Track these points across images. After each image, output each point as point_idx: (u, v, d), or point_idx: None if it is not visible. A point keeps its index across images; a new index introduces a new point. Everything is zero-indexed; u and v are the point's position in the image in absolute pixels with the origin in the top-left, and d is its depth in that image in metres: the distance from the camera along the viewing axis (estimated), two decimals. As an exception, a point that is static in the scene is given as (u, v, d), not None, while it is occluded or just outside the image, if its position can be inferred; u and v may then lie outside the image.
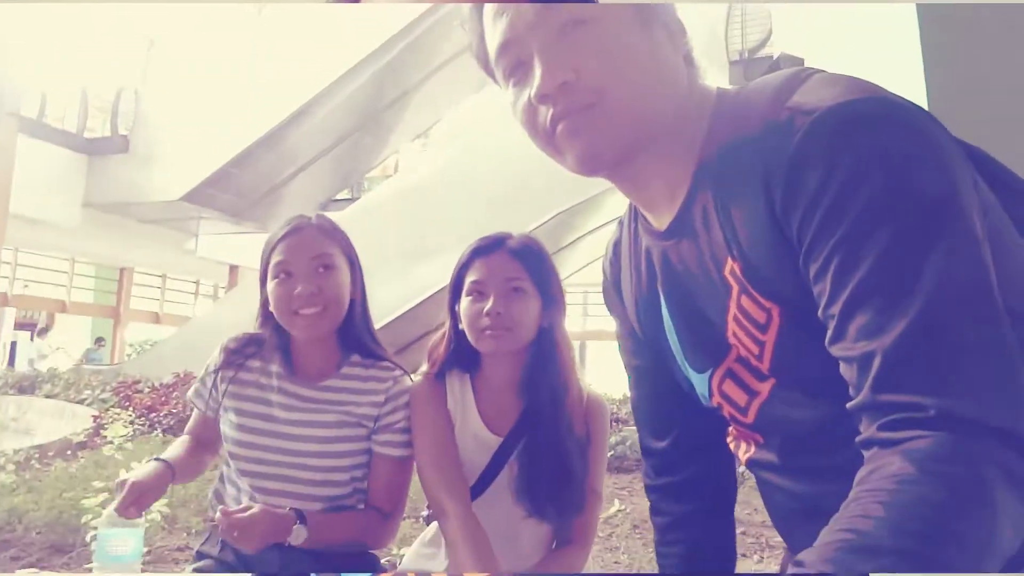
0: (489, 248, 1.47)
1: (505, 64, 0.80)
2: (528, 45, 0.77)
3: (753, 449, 0.88)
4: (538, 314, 1.45)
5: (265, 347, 1.54)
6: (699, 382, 0.90)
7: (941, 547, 0.52)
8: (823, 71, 0.75)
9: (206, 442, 1.59)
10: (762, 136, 0.71)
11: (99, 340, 15.33)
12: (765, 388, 0.80)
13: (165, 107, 11.06)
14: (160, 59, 14.46)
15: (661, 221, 0.85)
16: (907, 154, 0.64)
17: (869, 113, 0.66)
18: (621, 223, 0.99)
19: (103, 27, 14.14)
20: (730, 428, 0.93)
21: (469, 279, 1.45)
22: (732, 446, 0.94)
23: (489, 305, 1.41)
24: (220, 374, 1.54)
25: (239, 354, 1.55)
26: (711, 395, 0.88)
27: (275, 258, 1.46)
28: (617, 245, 1.01)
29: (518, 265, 1.44)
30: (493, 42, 0.81)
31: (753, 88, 0.78)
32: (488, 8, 0.82)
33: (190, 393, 1.61)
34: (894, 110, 0.67)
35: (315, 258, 1.46)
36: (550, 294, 1.47)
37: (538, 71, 0.76)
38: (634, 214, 0.94)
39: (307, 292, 1.42)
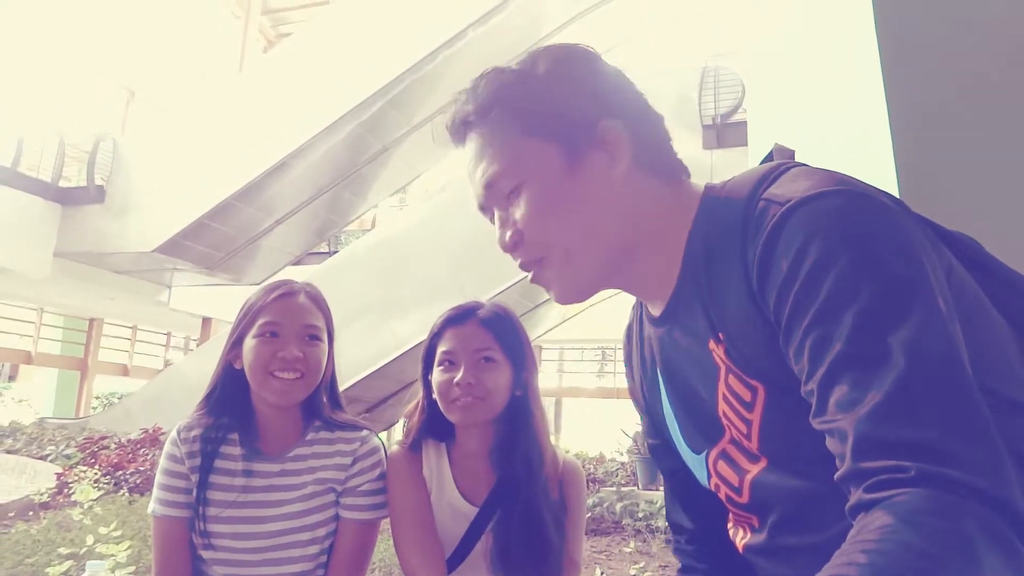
0: (460, 318, 1.49)
1: (485, 213, 0.91)
2: (491, 209, 0.89)
3: (749, 535, 0.89)
4: (509, 382, 1.47)
5: (225, 429, 1.48)
6: (697, 464, 0.92)
7: None
8: (803, 165, 0.81)
9: None
10: (741, 225, 0.76)
11: None
12: (757, 468, 0.82)
13: (143, 158, 11.02)
14: (140, 110, 14.55)
15: (656, 308, 0.89)
16: (873, 240, 0.68)
17: (838, 203, 0.70)
18: (634, 307, 1.03)
19: (84, 76, 14.24)
20: (729, 515, 0.94)
21: (441, 349, 1.48)
22: (731, 533, 0.95)
23: (459, 375, 1.43)
24: (200, 473, 1.43)
25: (211, 442, 1.46)
26: (709, 477, 0.90)
27: (263, 318, 1.45)
28: (630, 328, 1.05)
29: (488, 335, 1.46)
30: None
31: (735, 182, 0.83)
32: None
33: (159, 508, 1.44)
34: (862, 200, 0.71)
35: (305, 327, 1.46)
36: (521, 362, 1.49)
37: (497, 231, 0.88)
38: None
39: (291, 357, 1.42)
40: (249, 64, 13.90)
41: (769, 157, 0.92)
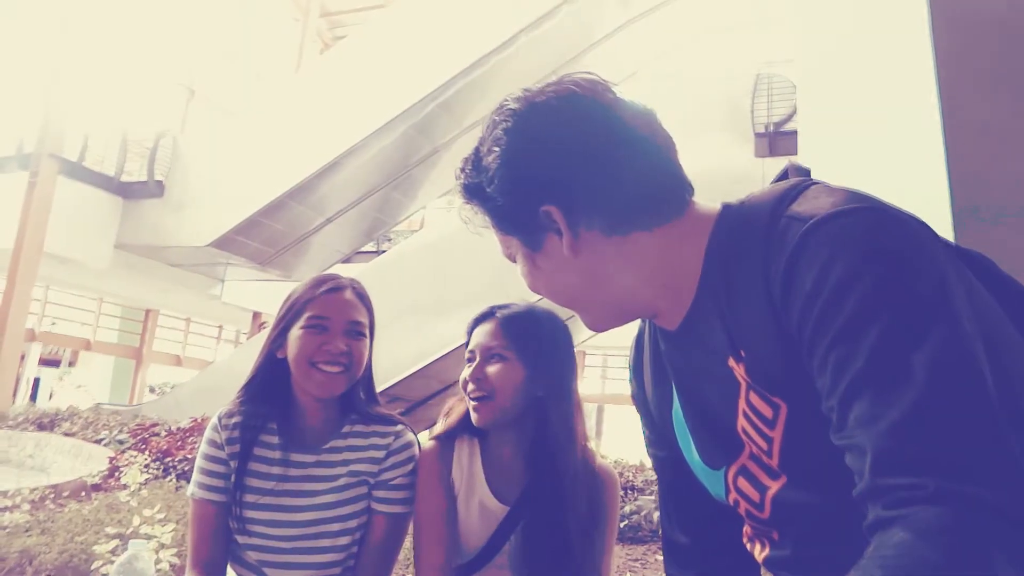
0: (484, 317, 1.52)
1: None
2: None
3: (768, 548, 0.89)
4: (519, 382, 1.44)
5: (265, 418, 1.51)
6: (714, 480, 0.91)
7: None
8: (822, 182, 0.80)
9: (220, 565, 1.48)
10: (762, 242, 0.76)
11: None
12: (777, 484, 0.82)
13: (201, 155, 11.36)
14: (199, 109, 14.96)
15: (671, 323, 0.88)
16: (898, 257, 0.68)
17: (862, 220, 0.70)
18: (644, 318, 1.02)
19: (147, 74, 14.72)
20: (745, 528, 0.93)
21: (468, 347, 1.51)
22: (748, 547, 0.93)
23: (470, 371, 1.46)
24: (239, 460, 1.47)
25: (251, 430, 1.50)
26: (727, 492, 0.89)
27: (310, 311, 1.47)
28: (640, 338, 1.04)
29: (502, 333, 1.46)
30: None
31: (754, 199, 0.83)
32: None
33: (197, 491, 1.48)
34: (885, 218, 0.71)
35: (351, 322, 1.49)
36: (538, 363, 1.45)
37: None
38: None
39: (336, 350, 1.45)
40: (305, 66, 14.19)
41: (784, 175, 0.91)
